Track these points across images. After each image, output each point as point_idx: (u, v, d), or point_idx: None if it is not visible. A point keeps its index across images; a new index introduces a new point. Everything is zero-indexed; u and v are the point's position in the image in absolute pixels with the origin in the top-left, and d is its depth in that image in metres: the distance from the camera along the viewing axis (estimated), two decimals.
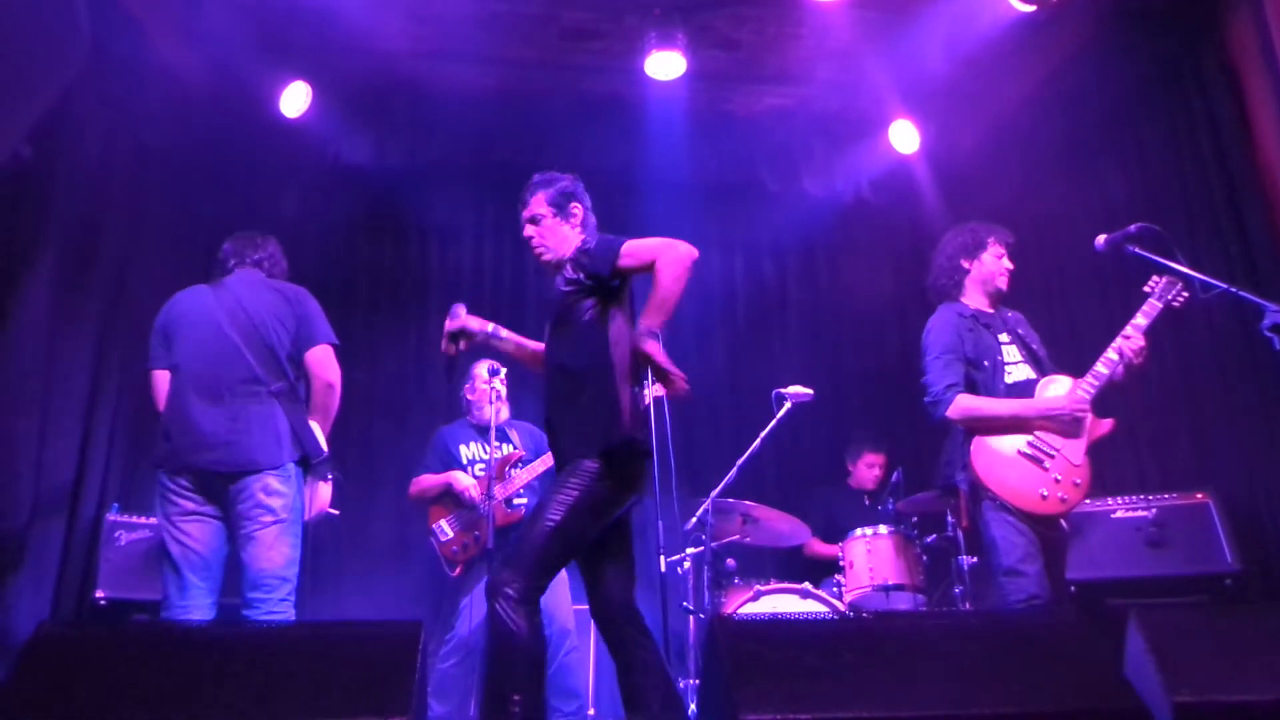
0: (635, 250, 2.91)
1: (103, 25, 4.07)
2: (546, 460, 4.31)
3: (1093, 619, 2.59)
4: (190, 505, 3.21)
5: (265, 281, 3.53)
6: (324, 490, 3.44)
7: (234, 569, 3.25)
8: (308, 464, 3.34)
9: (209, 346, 3.33)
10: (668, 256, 2.87)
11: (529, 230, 3.12)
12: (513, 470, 4.37)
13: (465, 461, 4.48)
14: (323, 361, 3.40)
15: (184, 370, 3.34)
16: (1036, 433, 3.26)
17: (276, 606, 3.13)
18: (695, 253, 2.90)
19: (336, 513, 3.63)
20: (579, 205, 3.13)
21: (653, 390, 4.15)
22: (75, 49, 3.94)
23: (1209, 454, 4.38)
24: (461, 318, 3.15)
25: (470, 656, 4.14)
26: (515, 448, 4.47)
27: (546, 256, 3.09)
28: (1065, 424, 3.23)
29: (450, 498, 4.37)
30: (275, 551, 3.15)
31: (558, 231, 3.09)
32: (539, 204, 3.11)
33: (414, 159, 5.82)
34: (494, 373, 4.35)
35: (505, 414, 4.38)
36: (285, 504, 3.20)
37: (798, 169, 6.12)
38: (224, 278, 3.56)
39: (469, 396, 4.60)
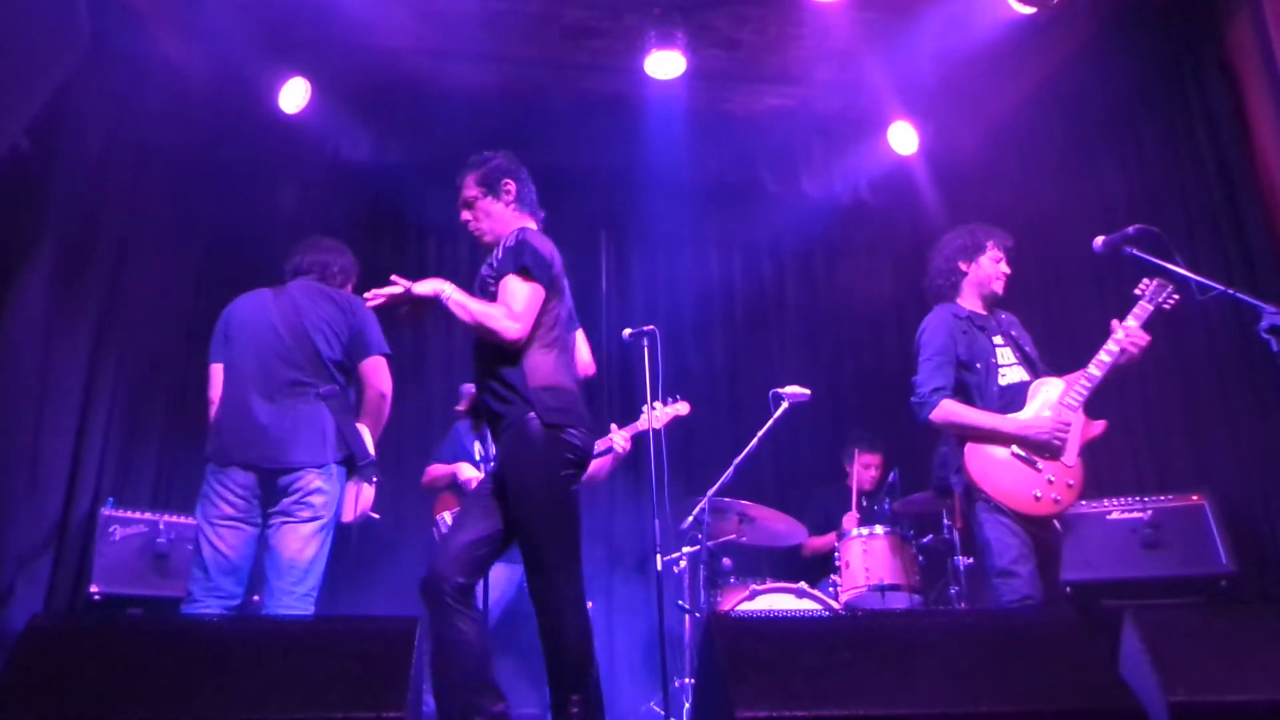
0: (502, 290, 2.86)
1: (103, 20, 4.07)
2: None
3: (1089, 619, 2.59)
4: (230, 510, 3.25)
5: (321, 289, 3.59)
6: (367, 492, 3.50)
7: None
8: (353, 465, 3.39)
9: (263, 347, 3.41)
10: (498, 320, 2.79)
11: (464, 215, 3.11)
12: None
13: (479, 457, 4.51)
14: (376, 371, 3.49)
15: (237, 368, 3.42)
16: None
17: (297, 601, 3.17)
18: (511, 335, 2.79)
19: (377, 516, 3.64)
20: (511, 181, 3.10)
21: (657, 417, 4.22)
22: (74, 43, 3.93)
23: (1205, 455, 4.38)
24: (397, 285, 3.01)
25: None
26: None
27: (486, 238, 3.08)
28: (1041, 446, 3.23)
29: (457, 489, 4.38)
30: (307, 546, 3.21)
31: (492, 211, 3.07)
32: (470, 186, 3.09)
33: (414, 157, 5.81)
34: None
35: None
36: (326, 502, 3.27)
37: (797, 169, 6.13)
38: (288, 283, 3.64)
39: None
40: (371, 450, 3.45)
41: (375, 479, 3.48)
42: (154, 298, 4.89)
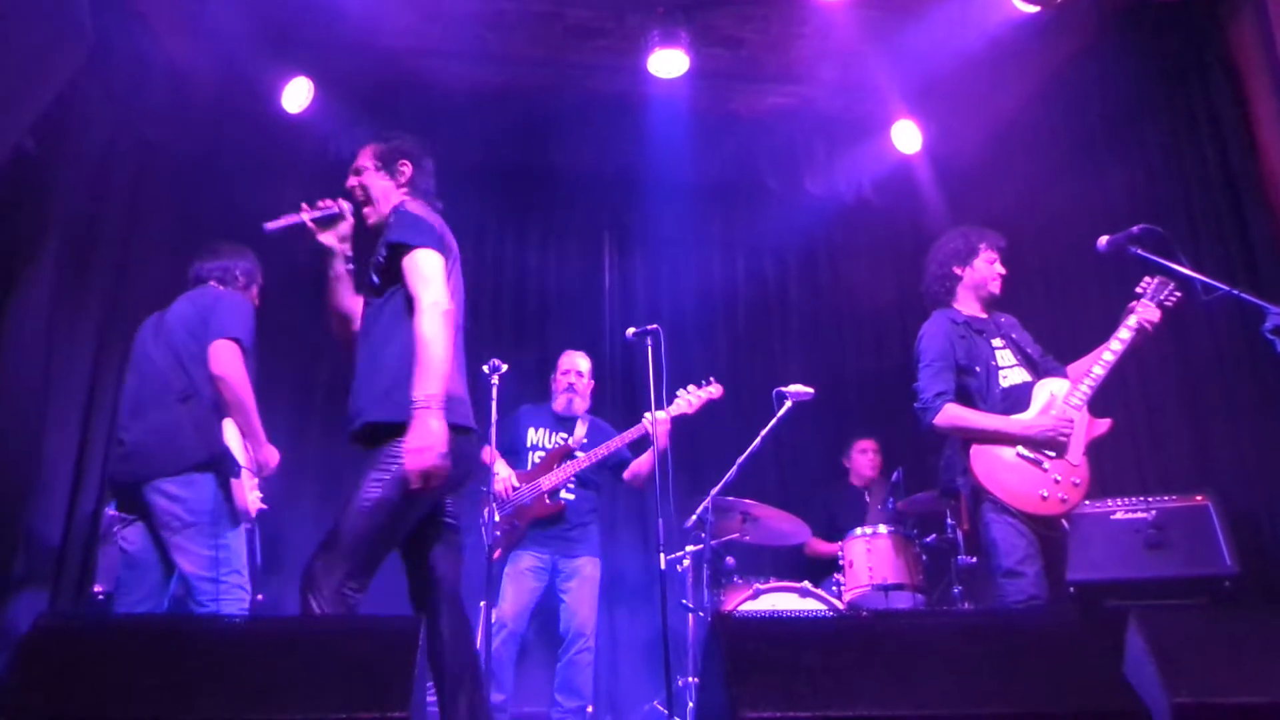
0: (412, 270, 2.67)
1: (107, 20, 4.07)
2: (596, 453, 4.41)
3: (1092, 620, 2.58)
4: (124, 513, 3.39)
5: (191, 294, 3.57)
6: (238, 489, 3.42)
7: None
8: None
9: (138, 367, 3.48)
10: (431, 325, 2.57)
11: (351, 180, 2.97)
12: (565, 462, 4.43)
13: (529, 444, 4.56)
14: (214, 355, 3.33)
15: (124, 392, 3.53)
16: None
17: (211, 605, 3.18)
18: (445, 309, 2.61)
19: (264, 506, 3.63)
20: (409, 164, 2.94)
21: (690, 401, 4.29)
22: (78, 44, 3.94)
23: (1208, 456, 4.38)
24: (344, 210, 2.96)
25: (511, 641, 4.17)
26: (579, 440, 4.56)
27: (371, 219, 2.94)
28: (1046, 445, 3.22)
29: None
30: (191, 554, 3.21)
31: (378, 184, 2.93)
32: (365, 156, 2.97)
33: None
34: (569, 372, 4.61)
35: (580, 405, 4.63)
36: (190, 507, 3.23)
37: (800, 169, 6.13)
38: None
39: (552, 386, 4.72)
40: (229, 442, 3.36)
41: (236, 475, 3.40)
42: (157, 297, 4.88)
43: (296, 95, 5.26)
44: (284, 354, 5.51)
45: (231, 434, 3.39)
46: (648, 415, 4.23)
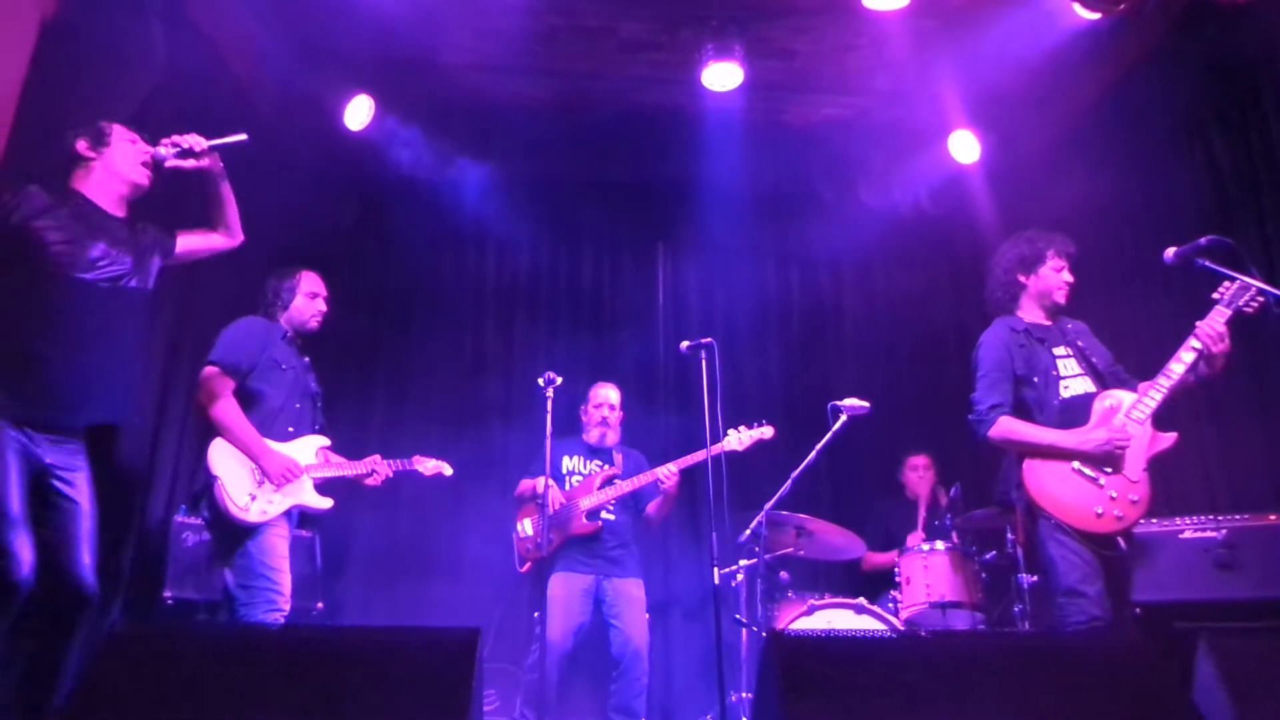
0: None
1: (179, 43, 4.23)
2: (636, 481, 4.45)
3: (1160, 642, 2.51)
4: None
5: None
6: (222, 501, 3.56)
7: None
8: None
9: None
10: None
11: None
12: (606, 487, 4.47)
13: (565, 471, 4.60)
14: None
15: None
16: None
17: (243, 611, 3.42)
18: None
19: (319, 509, 3.73)
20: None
21: (741, 440, 4.37)
22: (151, 66, 4.10)
23: None
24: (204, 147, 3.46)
25: (558, 663, 4.18)
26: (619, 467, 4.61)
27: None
28: (1101, 460, 3.14)
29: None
30: (230, 564, 3.55)
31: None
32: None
33: (473, 171, 5.92)
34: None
35: (613, 438, 4.67)
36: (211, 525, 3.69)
37: (855, 179, 6.11)
38: None
39: (583, 418, 4.77)
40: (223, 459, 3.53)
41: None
42: (225, 310, 5.03)
43: (358, 113, 5.39)
44: (343, 361, 5.64)
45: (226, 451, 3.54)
46: (661, 469, 4.37)
